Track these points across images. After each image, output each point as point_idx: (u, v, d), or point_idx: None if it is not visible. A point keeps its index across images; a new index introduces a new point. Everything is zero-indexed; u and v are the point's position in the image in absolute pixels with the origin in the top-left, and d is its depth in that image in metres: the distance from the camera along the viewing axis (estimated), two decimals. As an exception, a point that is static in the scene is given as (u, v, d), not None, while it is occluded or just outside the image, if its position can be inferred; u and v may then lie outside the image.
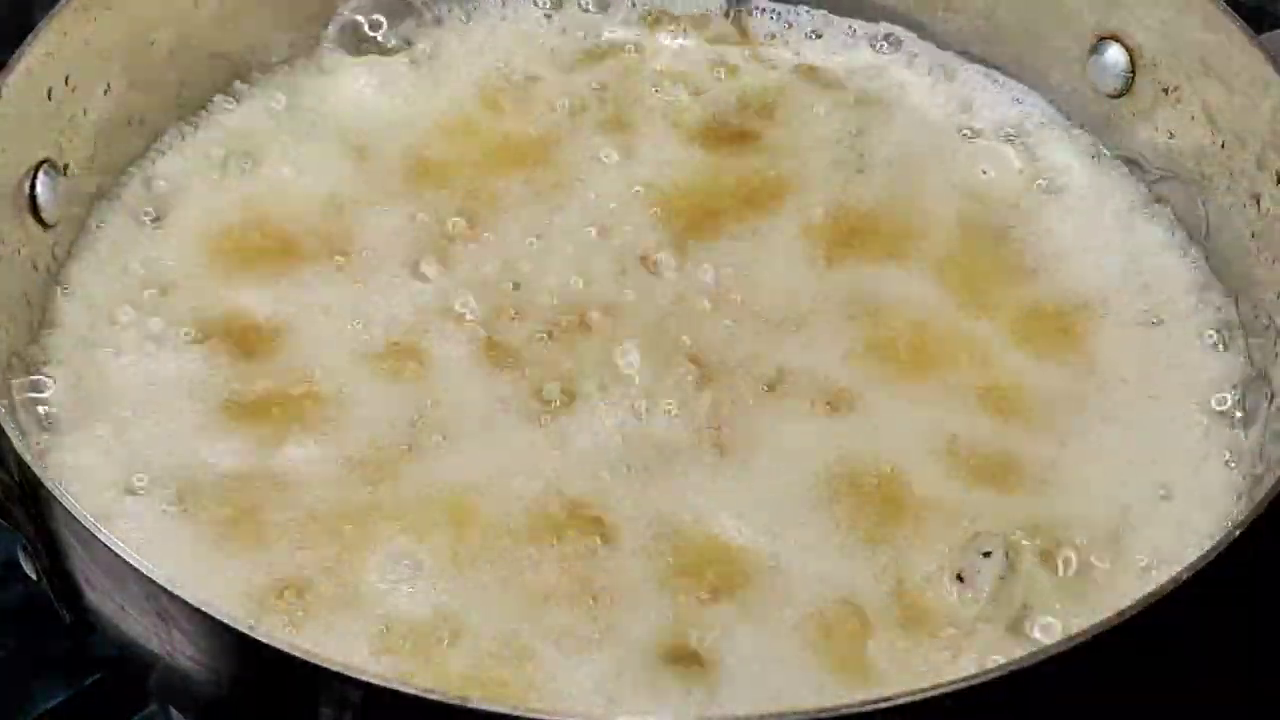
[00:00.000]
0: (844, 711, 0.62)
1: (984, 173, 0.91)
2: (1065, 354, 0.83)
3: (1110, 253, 0.88)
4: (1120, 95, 0.90)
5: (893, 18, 0.96)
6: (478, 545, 0.75)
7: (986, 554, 0.75)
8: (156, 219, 0.87)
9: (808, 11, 0.97)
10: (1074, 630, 0.64)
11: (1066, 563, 0.75)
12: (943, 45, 0.96)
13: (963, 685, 0.62)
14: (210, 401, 0.80)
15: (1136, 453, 0.80)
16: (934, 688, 0.62)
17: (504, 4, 0.97)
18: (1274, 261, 0.82)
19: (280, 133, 0.91)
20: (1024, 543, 0.76)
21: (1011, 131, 0.93)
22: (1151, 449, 0.80)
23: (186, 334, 0.82)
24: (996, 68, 0.94)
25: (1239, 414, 0.81)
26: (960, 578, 0.75)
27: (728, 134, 0.92)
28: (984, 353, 0.83)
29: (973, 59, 0.95)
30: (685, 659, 0.72)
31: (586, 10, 0.97)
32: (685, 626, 0.73)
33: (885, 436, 0.79)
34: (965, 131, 0.93)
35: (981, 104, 0.94)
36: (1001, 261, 0.87)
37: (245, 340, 0.82)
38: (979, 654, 0.72)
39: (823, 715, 0.62)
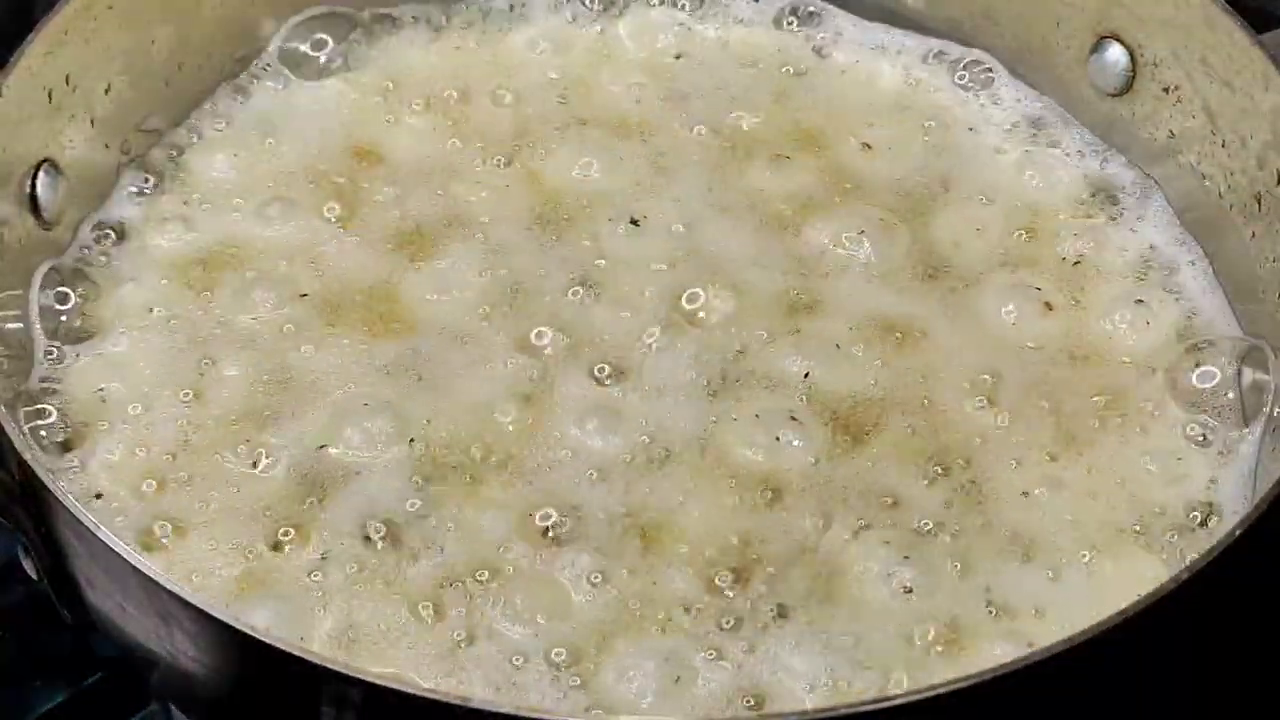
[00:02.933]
0: (844, 711, 0.62)
1: (983, 172, 0.91)
2: (1061, 348, 0.84)
3: (1109, 250, 0.88)
4: (1121, 94, 0.90)
5: (891, 15, 0.96)
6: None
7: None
8: (158, 218, 0.87)
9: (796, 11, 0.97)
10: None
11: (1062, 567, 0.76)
12: (941, 41, 0.96)
13: (963, 685, 0.62)
14: (216, 396, 0.80)
15: (1128, 456, 0.80)
16: (933, 688, 0.62)
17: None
18: (1274, 261, 0.82)
19: (280, 132, 0.91)
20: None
21: (1012, 129, 0.93)
22: (1144, 449, 0.80)
23: (192, 329, 0.83)
24: (997, 65, 0.94)
25: (1235, 412, 0.81)
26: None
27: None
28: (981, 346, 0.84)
29: (972, 56, 0.95)
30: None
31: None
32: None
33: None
34: (970, 128, 0.93)
35: (982, 101, 0.94)
36: (1000, 258, 0.87)
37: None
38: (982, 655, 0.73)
39: (823, 715, 0.62)
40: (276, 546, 0.76)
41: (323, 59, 0.94)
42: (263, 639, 0.64)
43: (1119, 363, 0.83)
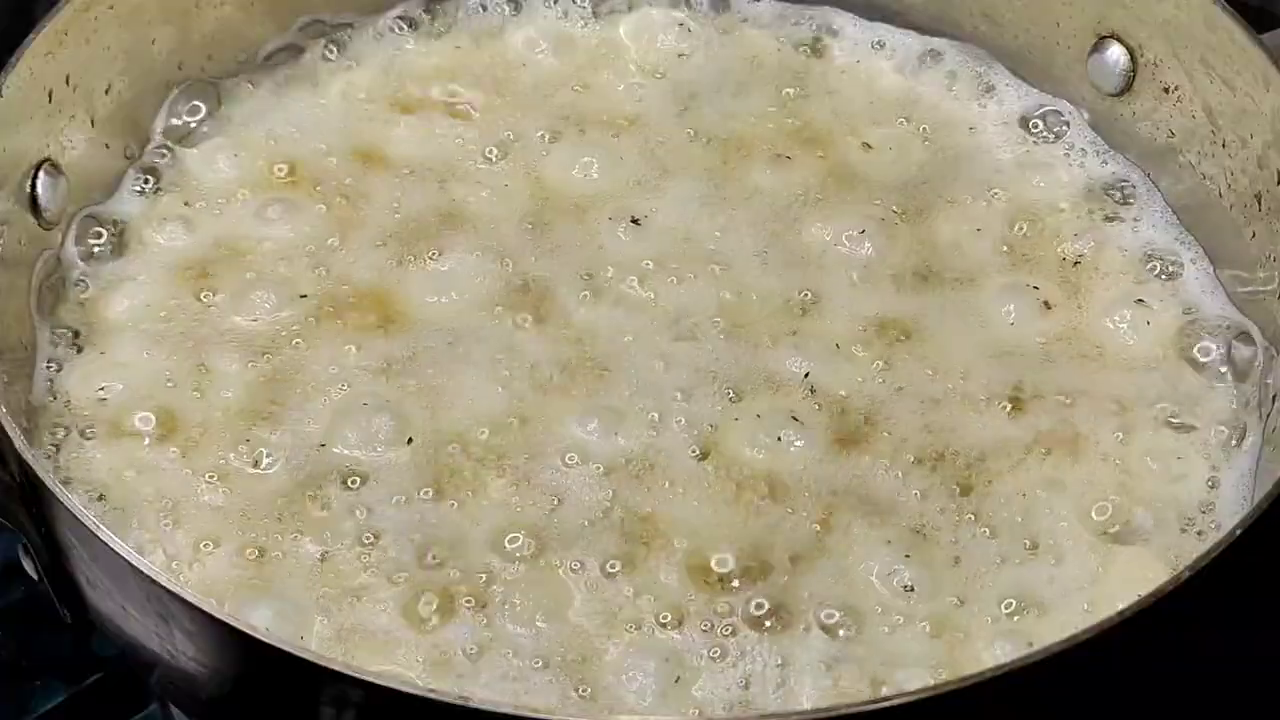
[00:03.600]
0: (844, 711, 0.62)
1: (983, 171, 0.91)
2: (1060, 347, 0.84)
3: (1109, 250, 0.88)
4: (1121, 94, 0.90)
5: (891, 15, 0.96)
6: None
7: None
8: (158, 218, 0.87)
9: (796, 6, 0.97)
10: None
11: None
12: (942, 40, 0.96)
13: (963, 685, 0.62)
14: (217, 396, 0.80)
15: (1128, 455, 0.80)
16: (934, 688, 0.63)
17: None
18: (1274, 260, 0.82)
19: (280, 132, 0.91)
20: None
21: (1012, 129, 0.93)
22: (1144, 449, 0.80)
23: (192, 329, 0.83)
24: (997, 64, 0.94)
25: (1234, 411, 0.81)
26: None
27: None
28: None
29: (973, 55, 0.95)
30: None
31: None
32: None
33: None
34: (970, 128, 0.93)
35: (982, 101, 0.94)
36: (1000, 257, 0.87)
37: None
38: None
39: (823, 715, 0.62)
40: (276, 546, 0.76)
41: (323, 60, 0.94)
42: (263, 639, 0.64)
43: (1118, 362, 0.83)
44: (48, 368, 0.81)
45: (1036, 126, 0.93)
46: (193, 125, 0.91)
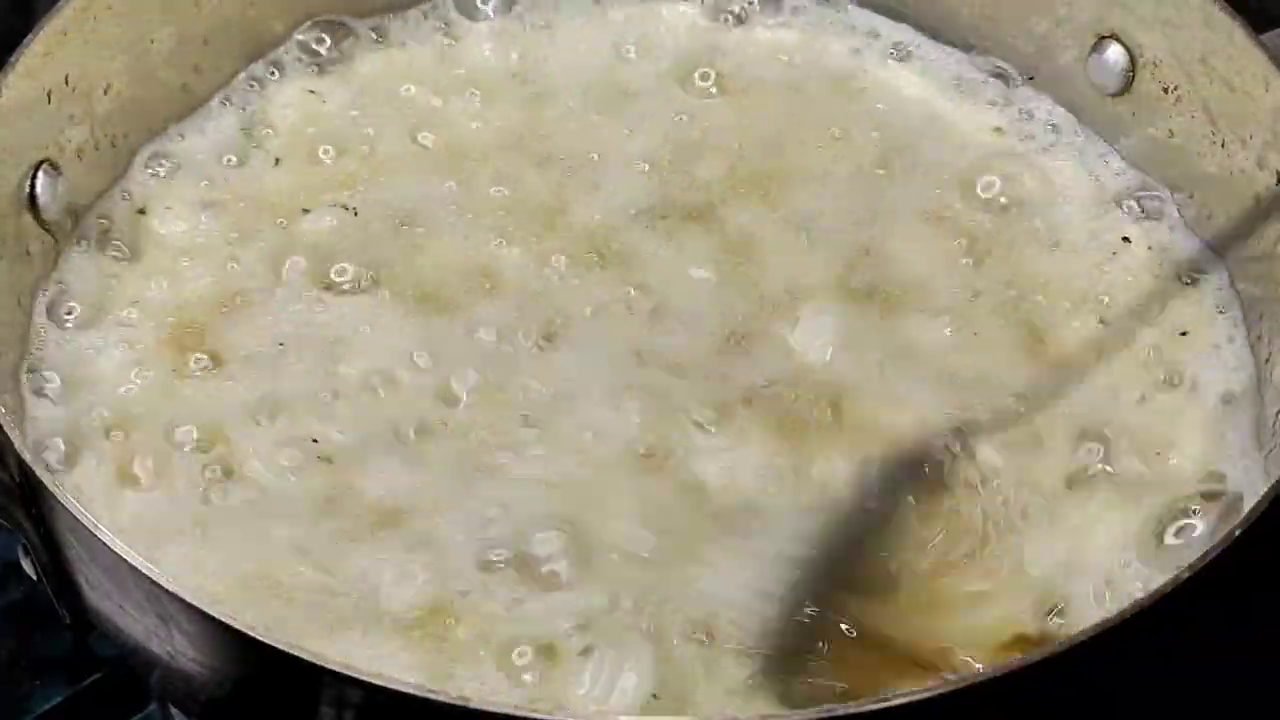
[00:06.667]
0: (843, 712, 0.62)
1: (983, 166, 0.91)
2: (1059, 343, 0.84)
3: (1105, 251, 0.88)
4: (1121, 94, 0.90)
5: (893, 12, 0.96)
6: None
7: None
8: (156, 220, 0.87)
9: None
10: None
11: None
12: (942, 41, 0.96)
13: (963, 685, 0.63)
14: (206, 401, 0.80)
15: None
16: (933, 688, 0.63)
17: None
18: (1273, 261, 0.82)
19: (281, 133, 0.92)
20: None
21: (1011, 128, 0.93)
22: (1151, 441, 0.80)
23: (191, 325, 0.83)
24: (997, 64, 0.94)
25: (1239, 407, 0.81)
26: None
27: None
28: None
29: (972, 55, 0.95)
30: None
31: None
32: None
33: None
34: (970, 129, 0.93)
35: (980, 101, 0.94)
36: (1003, 256, 0.87)
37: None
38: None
39: (823, 715, 0.62)
40: (274, 544, 0.76)
41: (324, 63, 0.94)
42: (263, 639, 0.64)
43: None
44: (45, 365, 0.81)
45: (1033, 127, 0.92)
46: (192, 125, 0.91)
